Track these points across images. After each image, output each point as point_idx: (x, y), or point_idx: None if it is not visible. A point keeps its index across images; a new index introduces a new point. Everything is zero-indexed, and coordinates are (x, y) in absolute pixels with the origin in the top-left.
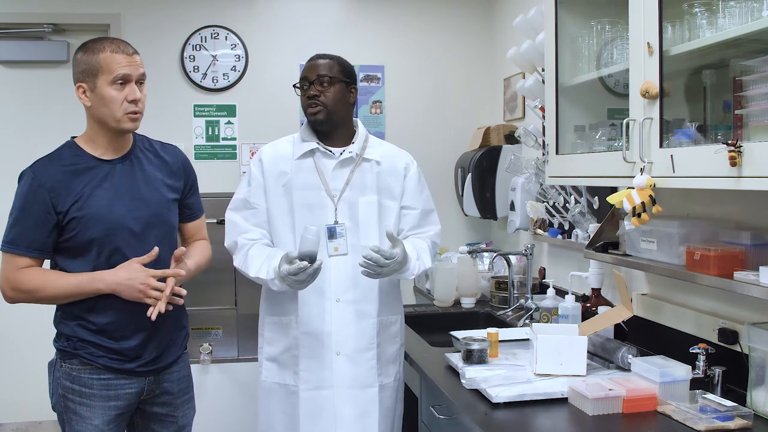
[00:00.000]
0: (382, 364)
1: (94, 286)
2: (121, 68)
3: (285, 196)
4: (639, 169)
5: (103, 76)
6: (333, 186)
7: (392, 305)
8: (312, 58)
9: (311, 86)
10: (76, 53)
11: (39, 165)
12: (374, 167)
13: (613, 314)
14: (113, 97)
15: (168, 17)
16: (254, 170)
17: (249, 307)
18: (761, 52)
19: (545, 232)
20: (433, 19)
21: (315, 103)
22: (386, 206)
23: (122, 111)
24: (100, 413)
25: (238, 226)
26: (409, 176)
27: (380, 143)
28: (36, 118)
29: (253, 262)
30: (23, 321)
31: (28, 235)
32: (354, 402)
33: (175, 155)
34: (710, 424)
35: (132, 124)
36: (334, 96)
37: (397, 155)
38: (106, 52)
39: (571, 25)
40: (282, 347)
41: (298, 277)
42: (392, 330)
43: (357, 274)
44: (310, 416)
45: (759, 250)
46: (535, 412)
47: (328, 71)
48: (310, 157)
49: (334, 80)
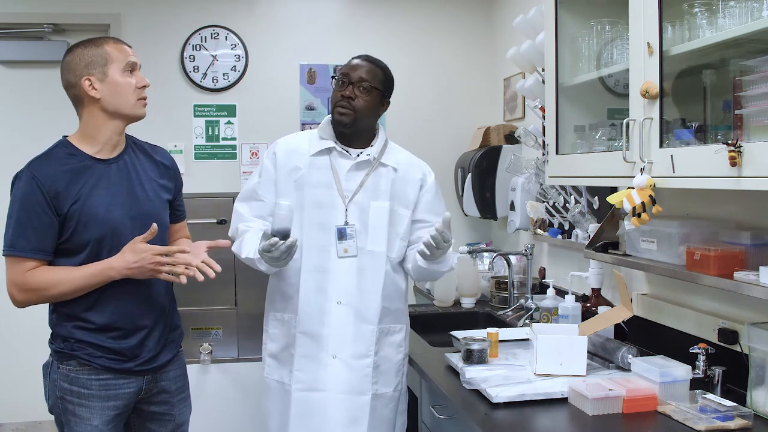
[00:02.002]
0: (379, 373)
1: (106, 275)
2: (128, 56)
3: (296, 191)
4: (639, 169)
5: (114, 64)
6: (346, 187)
7: (397, 314)
8: (359, 56)
9: (348, 86)
10: (74, 50)
11: (36, 165)
12: (390, 173)
13: (613, 314)
14: (127, 83)
15: (168, 17)
16: (267, 162)
17: (249, 307)
18: (761, 52)
19: (545, 232)
20: (433, 19)
21: (346, 105)
22: (398, 213)
23: (135, 96)
24: (99, 414)
25: (242, 215)
26: (426, 188)
27: (399, 150)
28: (36, 118)
29: (245, 244)
30: (23, 321)
31: (33, 237)
32: (345, 407)
33: (165, 157)
34: (710, 424)
35: (143, 110)
36: (367, 104)
37: (416, 164)
38: (109, 44)
39: (571, 25)
40: (282, 344)
41: (271, 254)
42: (395, 339)
43: (362, 278)
44: (301, 417)
45: (759, 250)
46: (535, 412)
47: (370, 77)
48: (326, 155)
49: (373, 89)
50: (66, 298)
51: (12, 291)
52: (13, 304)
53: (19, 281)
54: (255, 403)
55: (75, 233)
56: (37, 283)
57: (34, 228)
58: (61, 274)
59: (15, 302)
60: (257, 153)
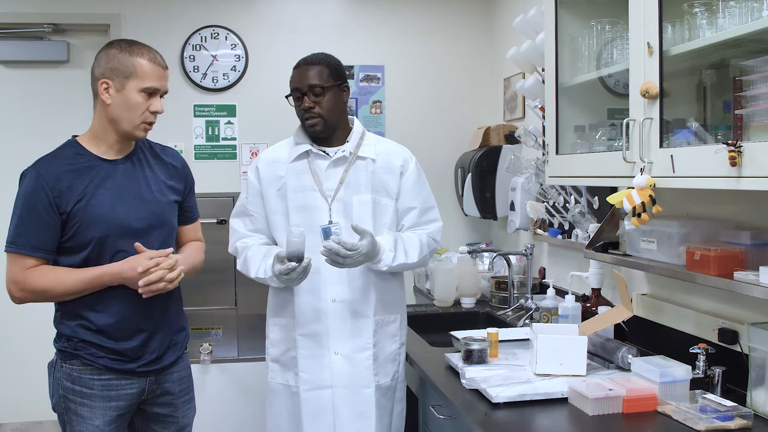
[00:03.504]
0: (379, 364)
1: (101, 281)
2: (155, 80)
3: (281, 199)
4: (639, 169)
5: (135, 80)
6: (327, 186)
7: (391, 304)
8: (299, 64)
9: (304, 97)
10: (111, 48)
11: (41, 164)
12: (369, 165)
13: (613, 314)
14: (138, 104)
15: (168, 17)
16: (251, 177)
17: (249, 307)
18: (761, 52)
19: (545, 232)
20: (434, 18)
21: (312, 116)
22: (381, 204)
23: (141, 119)
24: (101, 414)
25: (238, 232)
26: (407, 174)
27: (378, 140)
28: (36, 118)
29: (251, 263)
30: (24, 321)
31: (33, 235)
32: (352, 402)
33: (175, 158)
34: (710, 424)
35: (144, 133)
36: (329, 104)
37: (395, 152)
38: (144, 59)
39: (571, 25)
40: (283, 348)
41: (289, 276)
42: (390, 329)
43: (352, 274)
44: (312, 416)
45: (759, 250)
46: (535, 412)
47: (319, 80)
48: (305, 159)
49: (327, 88)
50: (63, 299)
51: (10, 287)
52: (11, 300)
53: (18, 278)
54: (255, 403)
55: (78, 232)
56: (34, 285)
57: (36, 226)
58: (60, 276)
59: (13, 298)
60: (257, 153)
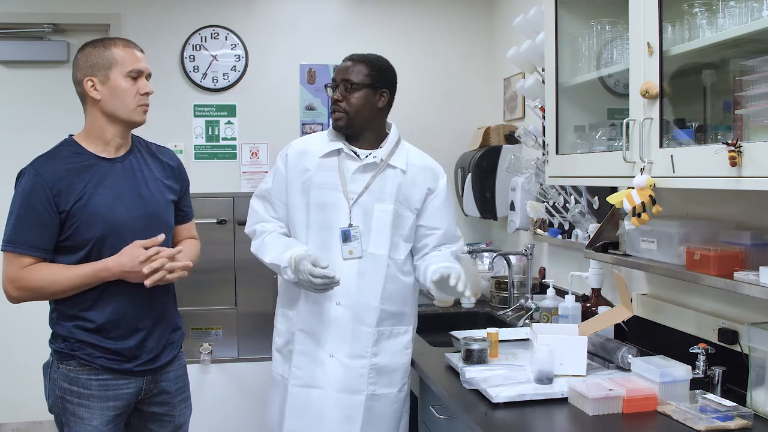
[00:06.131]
0: (381, 374)
1: (99, 276)
2: (135, 63)
3: (303, 192)
4: (639, 169)
5: (117, 68)
6: (351, 188)
7: (400, 317)
8: (346, 58)
9: (336, 90)
10: (84, 49)
11: (40, 163)
12: (398, 175)
13: (613, 314)
14: (127, 89)
15: (168, 17)
16: (279, 164)
17: (249, 307)
18: (761, 52)
19: (545, 232)
20: (433, 18)
21: (336, 109)
22: (402, 216)
23: (135, 103)
24: (98, 414)
25: (259, 214)
26: (435, 193)
27: (412, 151)
28: (36, 117)
29: (269, 248)
30: (22, 320)
31: (31, 234)
32: (340, 405)
33: (171, 157)
34: (710, 424)
35: (143, 116)
36: (357, 103)
37: (427, 167)
38: (118, 47)
39: (571, 25)
40: (285, 340)
41: (316, 281)
42: (401, 341)
43: (362, 280)
44: (295, 411)
45: (759, 250)
46: (535, 412)
47: (354, 76)
48: (335, 157)
49: (359, 86)
50: (60, 296)
51: (6, 286)
52: (7, 299)
53: (14, 277)
54: (255, 403)
55: (77, 231)
56: (31, 282)
57: (34, 225)
58: (56, 272)
59: (9, 297)
60: (257, 153)
